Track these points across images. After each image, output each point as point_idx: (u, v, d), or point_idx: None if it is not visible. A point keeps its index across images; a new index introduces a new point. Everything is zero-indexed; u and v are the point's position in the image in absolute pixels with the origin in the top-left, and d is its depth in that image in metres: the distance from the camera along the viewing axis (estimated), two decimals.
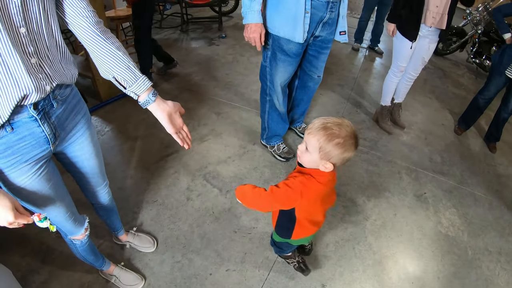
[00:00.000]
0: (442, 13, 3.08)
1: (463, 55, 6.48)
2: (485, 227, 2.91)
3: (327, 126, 1.45)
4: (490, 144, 3.93)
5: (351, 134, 1.47)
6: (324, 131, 1.44)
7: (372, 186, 3.07)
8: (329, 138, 1.43)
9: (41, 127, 1.22)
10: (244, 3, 2.35)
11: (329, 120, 1.47)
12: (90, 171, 1.64)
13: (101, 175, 1.76)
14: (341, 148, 1.45)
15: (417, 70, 3.58)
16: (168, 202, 2.69)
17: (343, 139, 1.44)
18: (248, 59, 5.08)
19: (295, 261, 2.28)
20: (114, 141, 3.23)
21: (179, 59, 4.72)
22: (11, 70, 1.05)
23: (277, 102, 2.91)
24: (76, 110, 1.40)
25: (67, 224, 1.58)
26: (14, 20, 1.02)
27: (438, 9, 3.06)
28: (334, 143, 1.43)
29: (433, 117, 4.32)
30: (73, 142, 1.45)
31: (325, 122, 1.46)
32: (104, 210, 2.00)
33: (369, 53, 5.98)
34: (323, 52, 2.78)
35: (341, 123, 1.46)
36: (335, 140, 1.43)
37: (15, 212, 1.11)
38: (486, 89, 3.71)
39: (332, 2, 2.41)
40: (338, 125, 1.45)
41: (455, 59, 6.48)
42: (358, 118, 3.99)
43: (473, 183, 3.33)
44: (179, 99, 3.91)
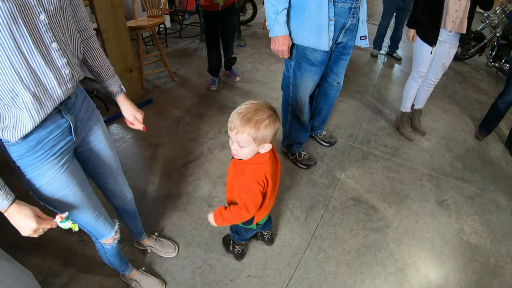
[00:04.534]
0: (462, 17, 3.00)
1: (482, 59, 6.33)
2: (508, 234, 2.80)
3: (249, 118, 1.44)
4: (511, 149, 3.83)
5: (269, 110, 1.49)
6: (249, 124, 1.44)
7: (393, 193, 3.01)
8: (257, 127, 1.44)
9: (65, 117, 1.27)
10: (269, 16, 2.32)
11: (246, 110, 1.47)
12: (108, 163, 1.66)
13: (119, 171, 1.78)
14: (270, 127, 1.47)
15: (437, 75, 3.49)
16: (189, 208, 2.68)
17: (268, 119, 1.46)
18: (267, 67, 5.06)
19: (242, 248, 2.30)
20: (136, 148, 3.25)
21: (198, 67, 4.74)
22: (48, 88, 1.14)
23: (300, 112, 2.88)
24: (86, 102, 1.45)
25: (97, 225, 1.59)
26: (44, 37, 1.09)
27: (457, 13, 2.99)
28: (263, 127, 1.45)
29: (453, 123, 4.22)
30: (90, 132, 1.49)
31: (244, 115, 1.45)
32: (127, 213, 2.01)
33: (387, 60, 5.89)
34: (343, 58, 2.74)
35: (257, 107, 1.47)
36: (263, 124, 1.44)
37: (37, 219, 1.16)
38: (506, 92, 3.60)
39: (354, 8, 2.37)
40: (256, 110, 1.46)
41: (474, 63, 6.33)
42: (378, 125, 3.92)
43: (495, 189, 3.23)
44: (199, 106, 3.92)
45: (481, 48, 6.05)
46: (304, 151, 3.15)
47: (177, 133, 3.45)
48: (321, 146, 3.44)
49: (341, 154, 3.37)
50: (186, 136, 3.42)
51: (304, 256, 2.40)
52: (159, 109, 3.83)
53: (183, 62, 5.06)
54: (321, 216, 2.69)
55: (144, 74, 4.24)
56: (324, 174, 3.10)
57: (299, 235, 2.53)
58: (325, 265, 2.35)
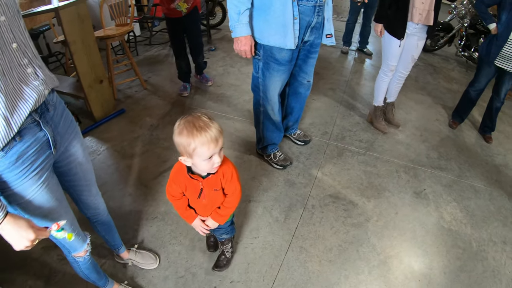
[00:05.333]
0: (428, 10, 3.11)
1: (451, 50, 6.53)
2: (488, 218, 2.91)
3: (211, 122, 1.49)
4: (485, 135, 3.95)
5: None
6: (217, 126, 1.52)
7: (371, 187, 3.07)
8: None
9: (43, 130, 1.28)
10: (232, 16, 2.36)
11: (202, 121, 1.48)
12: (84, 177, 1.67)
13: (94, 182, 1.79)
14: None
15: (407, 68, 3.60)
16: (168, 218, 2.69)
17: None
18: (239, 70, 5.11)
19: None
20: (111, 160, 3.24)
21: (170, 74, 4.75)
22: (15, 87, 1.14)
23: (272, 112, 2.92)
24: (64, 115, 1.46)
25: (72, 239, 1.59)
26: (5, 37, 1.11)
27: (424, 5, 3.09)
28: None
29: (427, 114, 4.34)
30: (68, 146, 1.50)
31: (210, 123, 1.50)
32: (101, 225, 2.01)
33: (358, 55, 6.03)
34: (311, 57, 2.81)
35: (198, 117, 1.49)
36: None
37: (34, 229, 1.16)
38: (477, 81, 3.73)
39: (318, 6, 2.44)
40: (201, 118, 1.49)
41: (444, 54, 6.52)
42: (352, 121, 4.01)
43: (472, 176, 3.34)
44: (172, 113, 3.93)
45: (450, 39, 6.25)
46: (279, 152, 3.19)
47: (151, 142, 3.45)
48: (296, 145, 3.49)
49: (316, 152, 3.43)
50: (161, 145, 3.42)
51: (286, 257, 2.43)
52: (132, 118, 3.82)
53: (154, 69, 5.06)
54: (301, 216, 2.73)
55: (115, 84, 4.23)
56: (300, 173, 3.15)
57: (280, 236, 2.56)
58: (308, 264, 2.39)
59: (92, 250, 1.81)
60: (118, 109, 3.94)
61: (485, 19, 3.53)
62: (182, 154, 1.51)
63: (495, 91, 3.71)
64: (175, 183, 1.70)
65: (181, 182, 1.68)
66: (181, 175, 1.66)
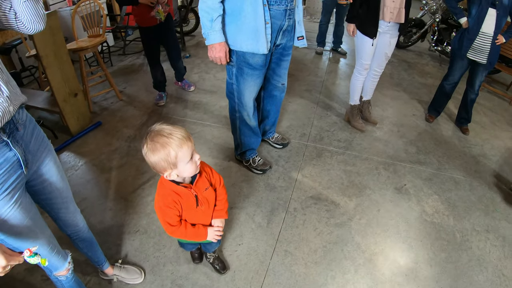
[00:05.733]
0: (399, 7, 3.19)
1: (425, 45, 6.69)
2: (469, 208, 2.99)
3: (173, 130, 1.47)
4: (462, 127, 4.04)
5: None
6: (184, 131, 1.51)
7: (352, 185, 3.12)
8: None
9: (13, 150, 1.28)
10: (204, 24, 2.38)
11: (169, 129, 1.47)
12: (60, 195, 1.66)
13: (71, 200, 1.78)
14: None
15: (381, 66, 3.68)
16: (150, 230, 2.67)
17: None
18: (214, 76, 5.13)
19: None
20: (89, 175, 3.21)
21: (145, 83, 4.74)
22: None
23: (248, 117, 2.94)
24: (36, 133, 1.45)
25: (51, 258, 1.60)
26: None
27: (394, 4, 3.16)
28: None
29: (403, 109, 4.42)
30: (41, 164, 1.49)
31: (177, 129, 1.49)
32: (83, 242, 2.00)
33: (333, 55, 6.13)
34: (284, 59, 2.85)
35: (167, 128, 1.48)
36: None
37: (6, 255, 1.12)
38: (450, 74, 3.84)
39: (289, 10, 2.48)
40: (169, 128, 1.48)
41: (418, 49, 6.67)
42: (329, 121, 4.06)
43: (451, 168, 3.41)
44: (149, 123, 3.91)
45: (423, 34, 6.42)
46: (258, 157, 3.21)
47: (129, 154, 3.43)
48: (275, 149, 3.52)
49: (295, 155, 3.46)
50: (139, 156, 3.40)
51: (272, 262, 2.44)
52: (109, 131, 3.79)
53: (129, 79, 5.04)
54: (283, 219, 2.75)
55: (90, 96, 4.19)
56: (280, 177, 3.17)
57: (264, 242, 2.58)
58: (294, 268, 2.40)
59: (76, 268, 1.80)
60: (94, 122, 3.91)
61: (456, 14, 3.63)
62: (164, 170, 1.49)
63: (469, 83, 3.81)
64: (169, 208, 1.64)
65: (173, 204, 1.64)
66: (169, 196, 1.63)
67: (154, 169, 1.49)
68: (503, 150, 3.81)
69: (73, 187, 1.95)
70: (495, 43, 3.42)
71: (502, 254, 2.62)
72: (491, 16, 3.34)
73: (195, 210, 1.72)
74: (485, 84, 5.17)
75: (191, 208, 1.70)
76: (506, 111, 4.70)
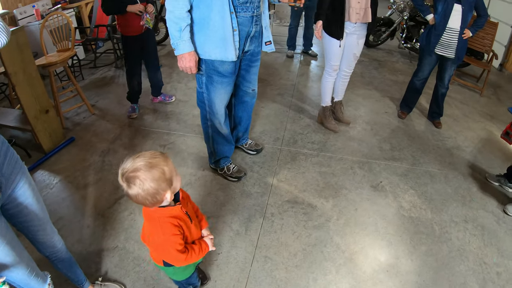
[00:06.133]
0: (365, 8, 3.26)
1: (394, 43, 6.83)
2: (446, 200, 3.05)
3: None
4: (434, 121, 4.13)
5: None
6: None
7: (328, 187, 3.15)
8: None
9: None
10: (173, 34, 2.38)
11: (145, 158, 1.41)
12: (36, 217, 1.65)
13: (48, 221, 1.76)
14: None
15: (350, 66, 3.74)
16: (128, 245, 2.65)
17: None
18: (185, 85, 5.13)
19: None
20: (65, 193, 3.16)
21: (117, 96, 4.71)
22: None
23: (219, 125, 2.95)
24: (9, 156, 1.43)
25: (31, 281, 1.59)
26: None
27: (360, 4, 3.23)
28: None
29: (375, 107, 4.50)
30: (15, 188, 1.47)
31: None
32: (61, 262, 1.98)
33: (303, 58, 6.21)
34: (253, 65, 2.88)
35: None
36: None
37: None
38: (420, 70, 3.93)
39: (256, 16, 2.52)
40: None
41: (388, 47, 6.79)
42: (303, 123, 4.10)
43: (425, 162, 3.48)
44: (122, 137, 3.89)
45: (392, 32, 6.58)
46: (232, 164, 3.22)
47: (104, 169, 3.39)
48: (249, 155, 3.53)
49: (270, 160, 3.48)
50: (114, 171, 3.37)
51: (252, 269, 2.44)
52: (83, 146, 3.75)
53: (101, 92, 4.98)
54: (261, 225, 2.76)
55: (62, 112, 4.13)
56: (256, 183, 3.19)
57: (243, 249, 2.58)
58: (274, 273, 2.41)
59: None
60: (67, 138, 3.86)
61: (423, 11, 3.73)
62: (164, 193, 1.42)
63: (439, 78, 3.91)
64: (176, 235, 1.54)
65: (177, 229, 1.55)
66: (169, 223, 1.53)
67: (148, 200, 1.40)
68: (476, 141, 3.90)
69: (49, 206, 1.93)
70: (462, 37, 3.52)
71: (482, 242, 2.68)
72: (457, 11, 3.45)
73: (191, 227, 1.68)
74: (455, 77, 5.29)
75: (188, 226, 1.65)
76: (477, 102, 4.81)
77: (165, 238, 1.53)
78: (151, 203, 1.41)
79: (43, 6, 5.65)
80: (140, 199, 1.37)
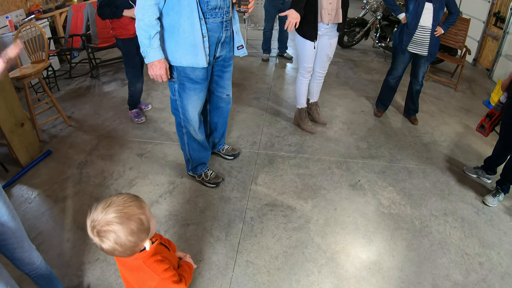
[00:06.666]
0: (336, 8, 3.33)
1: (369, 42, 6.95)
2: (425, 195, 3.12)
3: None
4: (410, 117, 4.22)
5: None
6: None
7: (307, 188, 3.18)
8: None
9: None
10: (143, 42, 2.39)
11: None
12: (13, 235, 1.65)
13: (25, 238, 1.76)
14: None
15: (324, 67, 3.79)
16: (109, 257, 2.62)
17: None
18: (161, 92, 5.12)
19: None
20: (44, 207, 3.13)
21: (93, 106, 4.68)
22: None
23: (194, 132, 2.95)
24: None
25: None
26: None
27: (331, 5, 3.30)
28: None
29: (351, 107, 4.57)
30: None
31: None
32: (42, 278, 1.97)
33: (279, 61, 6.28)
34: (226, 71, 2.90)
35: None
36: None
37: None
38: (394, 68, 4.03)
39: (225, 21, 2.55)
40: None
41: (362, 47, 6.91)
42: (279, 126, 4.14)
43: (403, 158, 3.55)
44: (99, 147, 3.86)
45: (366, 32, 6.71)
46: (210, 170, 3.23)
47: (82, 181, 3.36)
48: (226, 160, 3.54)
49: (247, 164, 3.50)
50: (92, 182, 3.35)
51: (234, 274, 2.45)
52: (60, 159, 3.71)
53: (77, 103, 4.93)
54: (241, 230, 2.77)
55: (38, 125, 4.08)
56: (234, 188, 3.20)
57: (224, 254, 2.58)
58: (257, 277, 2.42)
59: None
60: (44, 151, 3.81)
61: (394, 11, 3.83)
62: (142, 244, 1.35)
63: (413, 75, 4.01)
64: (166, 270, 1.46)
65: (167, 262, 1.49)
66: (158, 260, 1.44)
67: (126, 253, 1.32)
68: (453, 135, 3.99)
69: (28, 221, 1.91)
70: (434, 35, 3.61)
71: (462, 234, 2.75)
72: (428, 10, 3.55)
73: (171, 255, 1.61)
74: (430, 74, 5.41)
75: (169, 255, 1.58)
76: (452, 97, 4.92)
77: (160, 278, 1.44)
78: (129, 254, 1.33)
79: (16, 17, 5.61)
80: (118, 254, 1.30)
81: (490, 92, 5.15)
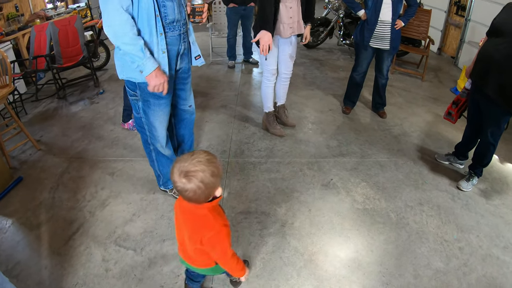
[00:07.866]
0: (297, 20, 3.40)
1: (333, 41, 7.08)
2: (399, 187, 3.19)
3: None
4: (379, 111, 4.30)
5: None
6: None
7: (279, 192, 3.21)
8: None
9: None
10: (137, 56, 2.32)
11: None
12: None
13: None
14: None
15: (289, 68, 3.83)
16: (88, 280, 2.60)
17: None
18: None
19: None
20: (19, 236, 3.08)
21: (62, 128, 4.62)
22: None
23: (162, 148, 2.95)
24: None
25: None
26: None
27: (292, 18, 3.37)
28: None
29: (319, 106, 4.64)
30: None
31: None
32: None
33: (245, 67, 6.33)
34: (186, 82, 2.91)
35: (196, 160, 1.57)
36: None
37: None
38: (358, 65, 4.12)
39: (182, 34, 2.58)
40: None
41: (328, 46, 7.02)
42: (248, 132, 4.17)
43: (374, 153, 3.62)
44: (70, 170, 3.82)
45: (330, 31, 6.85)
46: None
47: (55, 206, 3.32)
48: None
49: None
50: (64, 206, 3.31)
51: (214, 285, 2.45)
52: (31, 185, 3.65)
53: (46, 126, 4.85)
54: None
55: (6, 152, 4.01)
56: None
57: None
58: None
59: None
60: (15, 178, 3.75)
61: (354, 8, 3.93)
62: (215, 189, 1.63)
63: (378, 70, 4.11)
64: (225, 224, 1.73)
65: (222, 217, 1.77)
66: (215, 211, 1.72)
67: (204, 194, 1.56)
68: (422, 124, 4.08)
69: (4, 252, 1.88)
70: (394, 28, 3.70)
71: (439, 221, 2.83)
72: (387, 4, 3.66)
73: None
74: (395, 67, 5.53)
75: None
76: (419, 87, 5.04)
77: (217, 229, 1.67)
78: (206, 197, 1.59)
79: None
80: (199, 192, 1.53)
81: (457, 79, 5.30)
